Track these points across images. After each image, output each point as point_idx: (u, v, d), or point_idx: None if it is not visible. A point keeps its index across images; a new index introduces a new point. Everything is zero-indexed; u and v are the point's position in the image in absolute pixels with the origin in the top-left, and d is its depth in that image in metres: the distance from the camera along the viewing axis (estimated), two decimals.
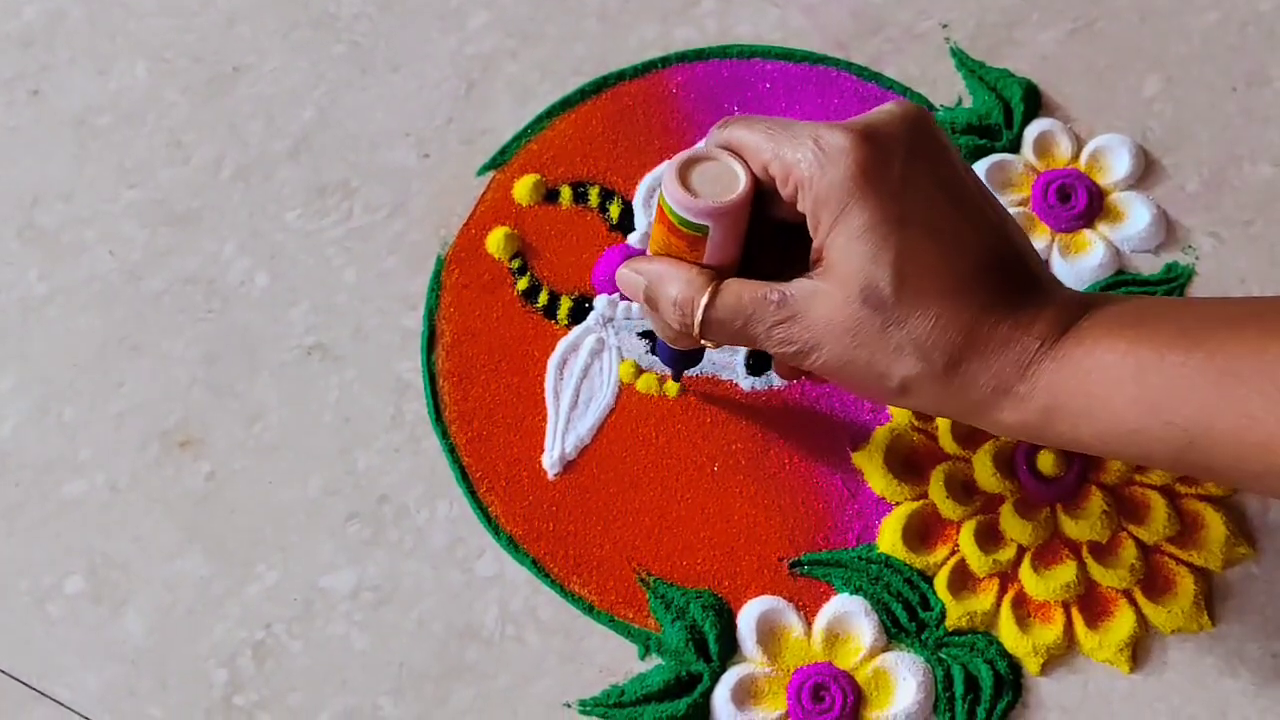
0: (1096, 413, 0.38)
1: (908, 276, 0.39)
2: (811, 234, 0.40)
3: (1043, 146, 0.55)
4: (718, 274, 0.42)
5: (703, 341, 0.43)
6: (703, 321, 0.42)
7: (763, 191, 0.42)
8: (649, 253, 0.44)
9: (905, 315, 0.39)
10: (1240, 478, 0.38)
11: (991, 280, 0.39)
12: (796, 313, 0.40)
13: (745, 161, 0.41)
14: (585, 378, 0.51)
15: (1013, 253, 0.40)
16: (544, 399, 0.51)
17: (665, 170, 0.42)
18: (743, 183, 0.41)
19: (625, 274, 0.44)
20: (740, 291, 0.41)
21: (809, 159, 0.39)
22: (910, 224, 0.39)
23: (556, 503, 0.49)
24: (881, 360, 0.40)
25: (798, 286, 0.40)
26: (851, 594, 0.47)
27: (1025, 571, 0.47)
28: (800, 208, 0.40)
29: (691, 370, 0.50)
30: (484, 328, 0.52)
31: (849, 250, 0.39)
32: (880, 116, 0.40)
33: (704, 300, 0.42)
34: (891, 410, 0.50)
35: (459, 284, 0.53)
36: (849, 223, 0.39)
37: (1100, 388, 0.38)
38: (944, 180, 0.40)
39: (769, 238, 0.43)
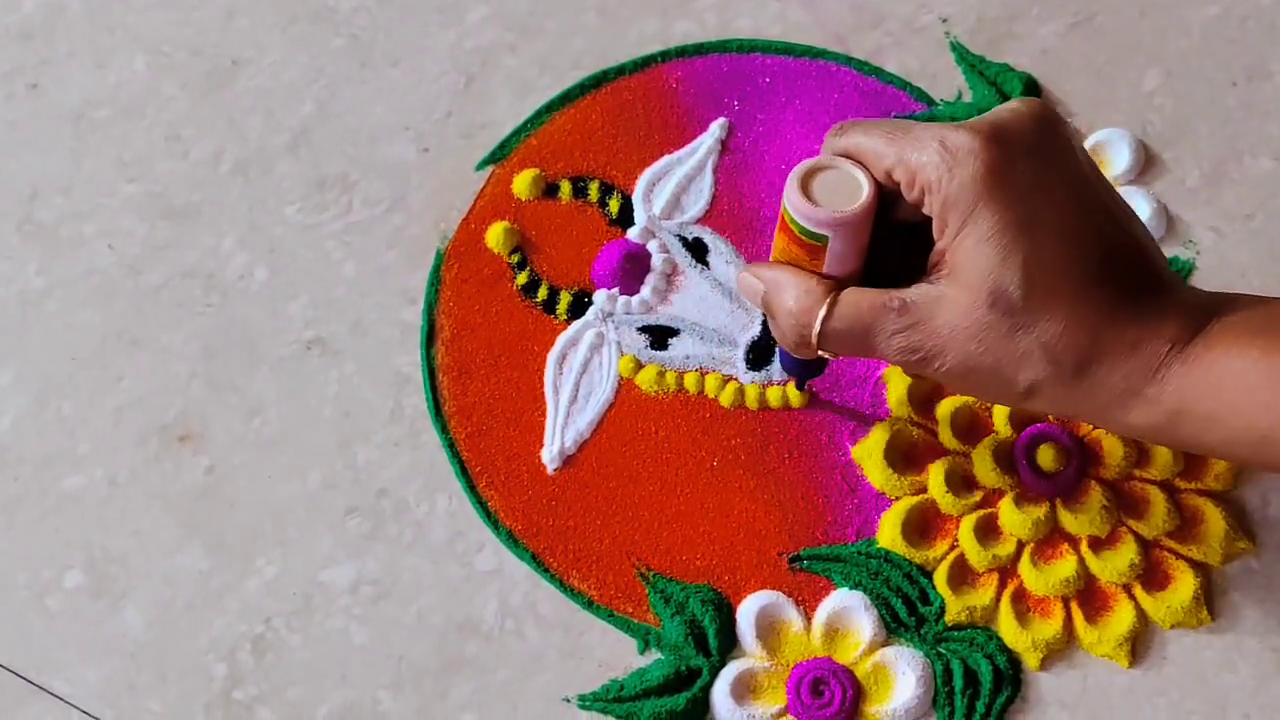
0: (1226, 418, 0.38)
1: (1036, 280, 0.38)
2: (936, 237, 0.40)
3: None
4: (838, 284, 0.41)
5: (820, 353, 0.42)
6: (820, 334, 0.41)
7: (885, 193, 0.41)
8: (770, 260, 0.43)
9: (1034, 319, 0.38)
10: None
11: (1118, 281, 0.39)
12: (919, 320, 0.39)
13: (866, 169, 0.41)
14: (585, 372, 0.51)
15: (1139, 252, 0.40)
16: (543, 394, 0.51)
17: (788, 179, 0.41)
18: (865, 192, 0.40)
19: (745, 278, 0.43)
20: (859, 301, 0.40)
21: (935, 161, 0.39)
22: (1038, 226, 0.38)
23: (556, 497, 0.49)
24: (1008, 365, 0.39)
25: (918, 292, 0.40)
26: (851, 589, 0.47)
27: (1025, 566, 0.47)
28: (926, 210, 0.40)
29: (689, 366, 0.50)
30: (483, 322, 0.52)
31: (977, 253, 0.38)
32: (1005, 116, 0.39)
33: (822, 312, 0.41)
34: (891, 405, 0.50)
35: (458, 278, 0.53)
36: (977, 226, 0.38)
37: (1232, 394, 0.38)
38: (1071, 180, 0.39)
39: (890, 240, 0.42)
